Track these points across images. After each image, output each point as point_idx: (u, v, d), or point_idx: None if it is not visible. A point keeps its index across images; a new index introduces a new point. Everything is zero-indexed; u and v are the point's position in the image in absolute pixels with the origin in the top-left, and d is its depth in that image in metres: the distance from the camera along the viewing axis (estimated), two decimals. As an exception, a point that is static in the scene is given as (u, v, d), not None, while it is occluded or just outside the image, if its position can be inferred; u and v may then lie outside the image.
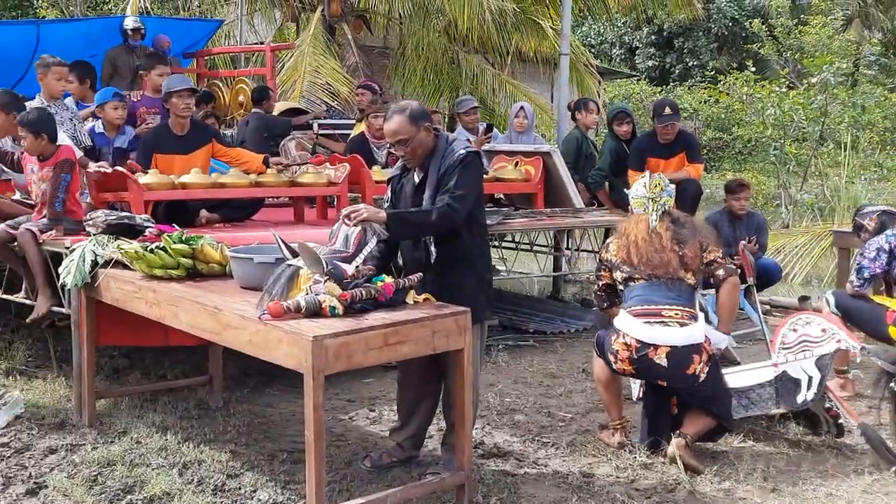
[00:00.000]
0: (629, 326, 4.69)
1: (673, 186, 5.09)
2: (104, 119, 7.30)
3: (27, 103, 6.61)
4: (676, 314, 4.65)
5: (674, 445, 4.66)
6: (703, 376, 4.62)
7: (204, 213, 6.66)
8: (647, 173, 5.13)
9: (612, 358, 4.76)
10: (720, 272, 4.81)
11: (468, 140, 7.76)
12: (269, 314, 3.79)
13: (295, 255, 4.18)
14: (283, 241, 4.27)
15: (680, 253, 4.75)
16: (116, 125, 7.37)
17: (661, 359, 4.59)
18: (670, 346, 4.58)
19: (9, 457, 4.88)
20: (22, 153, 5.97)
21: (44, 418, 5.42)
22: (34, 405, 5.62)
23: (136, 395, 5.86)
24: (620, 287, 4.91)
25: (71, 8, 16.48)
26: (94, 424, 5.29)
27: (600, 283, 5.09)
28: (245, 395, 6.03)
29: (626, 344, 4.67)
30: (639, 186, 5.01)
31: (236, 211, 6.94)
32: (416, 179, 4.42)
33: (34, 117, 5.73)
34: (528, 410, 5.72)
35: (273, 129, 9.10)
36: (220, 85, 11.68)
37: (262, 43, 15.03)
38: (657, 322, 4.63)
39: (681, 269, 4.74)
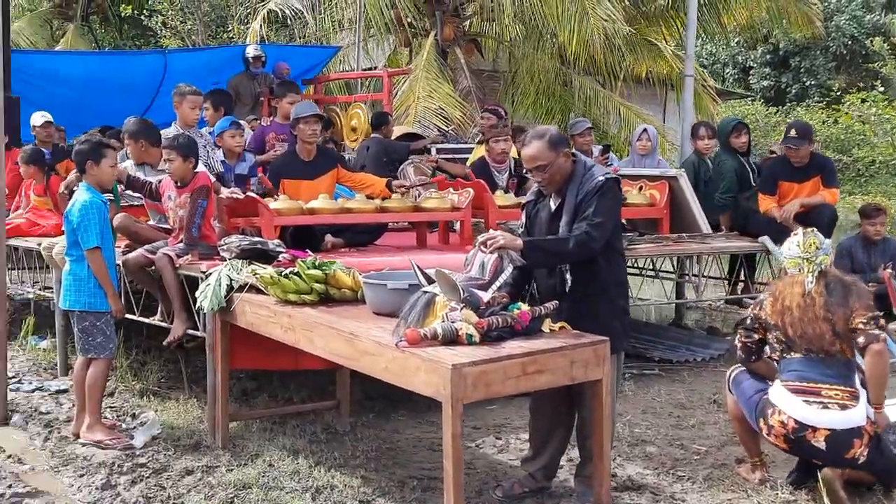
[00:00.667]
0: (787, 403, 4.44)
1: (828, 242, 4.83)
2: (223, 147, 7.48)
3: (162, 131, 6.83)
4: (837, 395, 4.37)
5: (829, 472, 4.40)
6: (862, 458, 4.37)
7: (329, 237, 6.74)
8: (799, 231, 4.83)
9: (764, 428, 4.55)
10: (861, 339, 4.41)
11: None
12: (405, 341, 3.79)
13: (430, 281, 4.18)
14: (419, 267, 4.27)
15: (832, 321, 4.45)
16: (236, 152, 7.55)
17: (819, 442, 4.35)
18: (830, 430, 4.33)
19: (147, 477, 5.00)
20: (160, 182, 6.15)
21: (179, 439, 5.54)
22: (169, 426, 5.76)
23: (266, 418, 5.94)
24: (776, 350, 4.67)
25: (193, 37, 17.03)
26: (228, 446, 5.38)
27: (753, 337, 4.78)
28: (371, 420, 6.05)
29: (782, 422, 4.43)
30: (792, 245, 4.72)
31: (360, 235, 7.00)
32: (553, 206, 4.38)
33: (184, 142, 5.93)
34: (660, 442, 5.58)
35: (392, 153, 9.18)
36: (337, 111, 11.88)
37: (374, 68, 15.25)
38: (816, 402, 4.37)
39: (835, 342, 4.44)
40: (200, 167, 6.12)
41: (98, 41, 22.26)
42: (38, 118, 9.26)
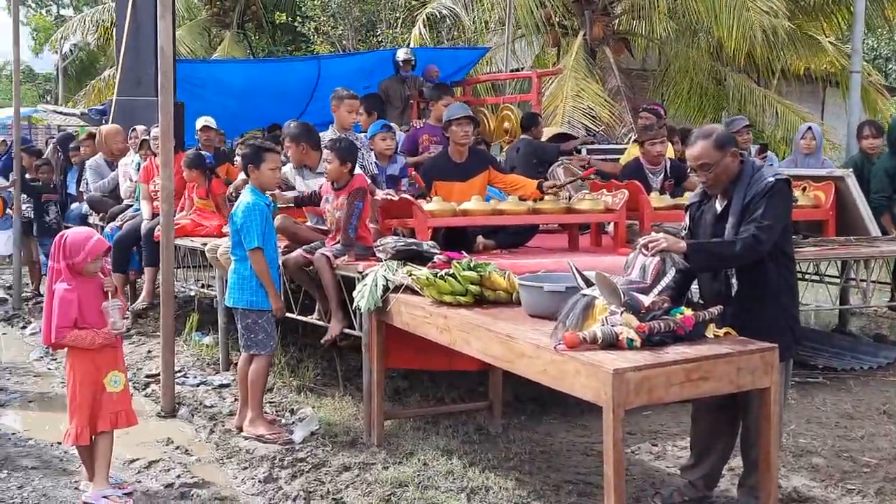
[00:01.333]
0: None
1: None
2: (375, 150, 7.60)
3: (321, 134, 6.99)
4: None
5: None
6: None
7: (481, 239, 6.75)
8: None
9: None
10: None
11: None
12: (564, 344, 3.74)
13: (589, 284, 4.11)
14: (577, 270, 4.21)
15: None
16: (387, 155, 7.66)
17: None
18: None
19: (307, 471, 5.12)
20: (320, 187, 6.29)
21: (336, 436, 5.65)
22: (326, 422, 5.88)
23: (419, 417, 6.00)
24: None
25: (344, 42, 17.40)
26: (383, 444, 5.45)
27: None
28: (523, 422, 6.02)
29: None
30: None
31: (511, 237, 6.97)
32: (719, 207, 4.25)
33: (345, 146, 6.05)
34: (826, 453, 5.34)
35: (542, 154, 9.13)
36: (486, 112, 11.91)
37: (521, 69, 15.21)
38: None
39: None
40: (357, 169, 6.23)
41: (252, 48, 23.05)
42: (202, 123, 9.63)
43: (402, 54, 11.80)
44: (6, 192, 10.98)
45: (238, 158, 7.72)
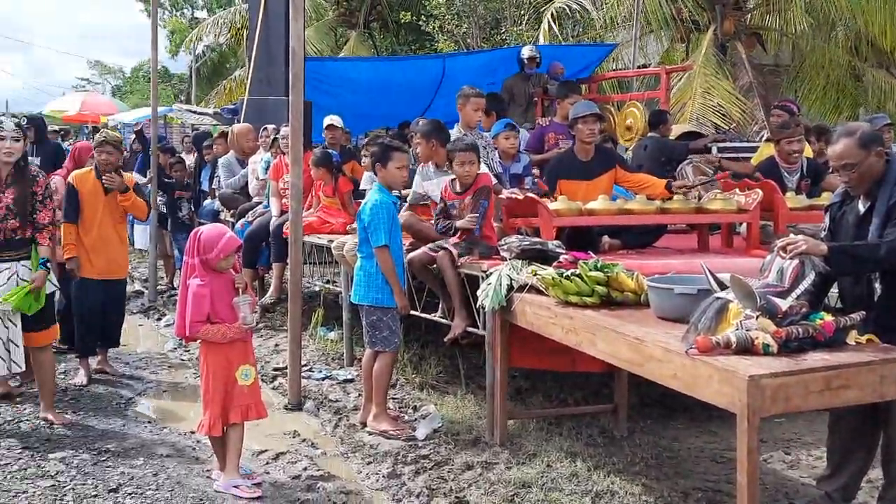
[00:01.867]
0: None
1: None
2: (499, 149, 7.56)
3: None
4: None
5: None
6: None
7: (606, 239, 6.63)
8: None
9: None
10: None
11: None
12: (696, 348, 3.63)
13: (723, 287, 3.98)
14: (710, 272, 4.09)
15: None
16: (511, 154, 7.62)
17: None
18: None
19: (430, 468, 5.14)
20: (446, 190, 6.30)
21: (458, 434, 5.65)
22: (449, 420, 5.89)
23: (542, 418, 5.94)
24: None
25: (468, 40, 17.43)
26: (506, 444, 5.42)
27: None
28: (649, 426, 5.90)
29: None
30: None
31: (638, 237, 6.83)
32: (861, 208, 4.06)
33: (466, 144, 6.04)
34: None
35: (671, 153, 8.93)
36: (612, 109, 11.74)
37: (647, 65, 14.94)
38: None
39: None
40: (483, 168, 6.22)
41: (377, 47, 23.35)
42: (328, 121, 9.80)
43: (526, 51, 11.74)
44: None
45: (365, 158, 7.79)
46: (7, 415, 6.18)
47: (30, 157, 6.76)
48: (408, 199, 6.97)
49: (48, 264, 6.04)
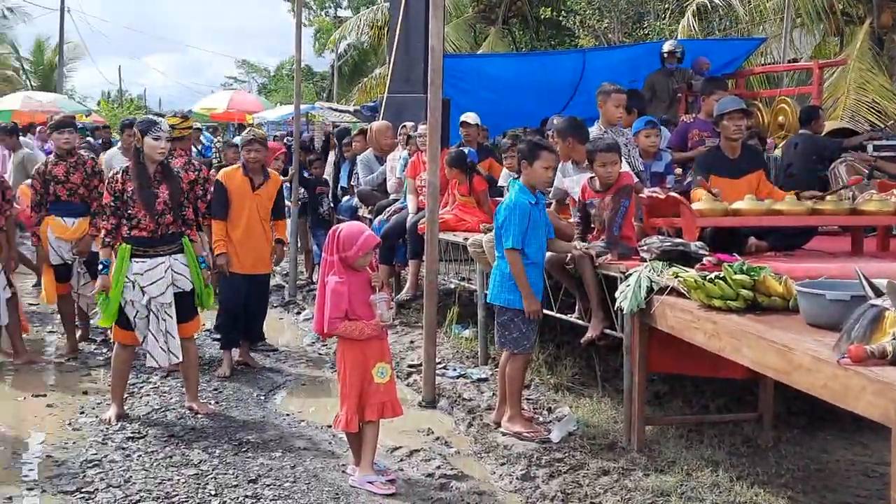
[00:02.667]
0: None
1: None
2: (639, 147, 7.36)
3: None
4: None
5: None
6: None
7: (753, 240, 6.37)
8: None
9: None
10: None
11: None
12: (849, 358, 3.43)
13: (879, 293, 3.75)
14: (865, 277, 3.86)
15: None
16: (652, 152, 7.43)
17: None
18: None
19: (564, 472, 5.05)
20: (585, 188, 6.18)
21: (594, 438, 5.54)
22: (584, 423, 5.78)
23: (682, 425, 5.76)
24: None
25: (609, 35, 17.17)
26: (643, 450, 5.28)
27: None
28: (795, 436, 5.64)
29: None
30: None
31: (787, 239, 6.54)
32: None
33: (608, 144, 5.91)
34: None
35: (823, 150, 8.54)
36: (760, 105, 11.33)
37: (797, 60, 14.36)
38: None
39: None
40: (624, 166, 6.07)
41: (516, 43, 23.29)
42: (464, 119, 9.79)
43: (667, 46, 11.46)
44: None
45: (509, 157, 7.71)
46: (154, 403, 6.42)
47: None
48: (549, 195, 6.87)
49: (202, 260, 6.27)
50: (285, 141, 14.69)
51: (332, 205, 11.39)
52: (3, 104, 22.77)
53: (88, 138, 16.29)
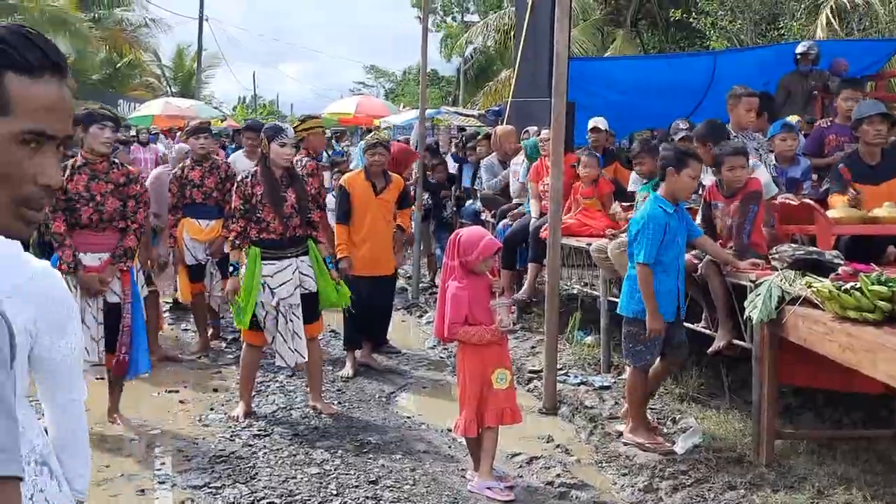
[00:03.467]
0: None
1: None
2: (775, 151, 7.13)
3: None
4: None
5: None
6: None
7: (892, 249, 6.08)
8: None
9: None
10: None
11: None
12: None
13: None
14: None
15: None
16: (788, 157, 7.17)
17: None
18: None
19: (689, 485, 4.93)
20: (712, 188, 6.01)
21: (720, 451, 5.38)
22: (710, 436, 5.62)
23: (812, 440, 5.54)
24: None
25: (741, 36, 16.70)
26: (772, 465, 5.10)
27: None
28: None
29: None
30: None
31: (930, 248, 6.21)
32: None
33: (736, 148, 5.74)
34: None
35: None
36: (902, 109, 10.81)
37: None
38: None
39: None
40: (761, 173, 5.88)
41: (644, 45, 22.94)
42: (592, 124, 9.68)
43: (801, 47, 11.03)
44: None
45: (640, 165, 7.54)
46: (280, 402, 6.58)
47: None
48: None
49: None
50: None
51: (455, 208, 11.43)
52: (145, 110, 23.80)
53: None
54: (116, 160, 6.10)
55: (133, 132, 17.73)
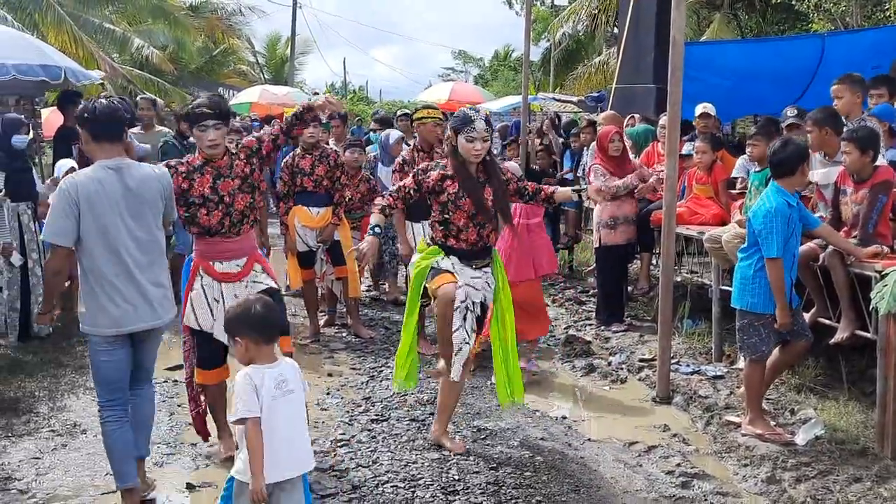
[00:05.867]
0: None
1: None
2: None
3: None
4: None
5: None
6: None
7: None
8: None
9: None
10: None
11: None
12: None
13: None
14: None
15: None
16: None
17: None
18: None
19: (813, 477, 4.89)
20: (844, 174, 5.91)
21: (843, 443, 5.31)
22: (831, 427, 5.55)
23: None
24: None
25: (847, 18, 16.22)
26: (900, 458, 5.03)
27: None
28: None
29: None
30: None
31: None
32: None
33: (864, 134, 5.62)
34: None
35: None
36: None
37: None
38: None
39: None
40: (880, 160, 5.77)
41: (742, 29, 22.44)
42: (700, 109, 9.57)
43: (910, 26, 10.73)
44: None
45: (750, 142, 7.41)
46: (395, 386, 6.68)
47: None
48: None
49: None
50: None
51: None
52: (242, 97, 24.21)
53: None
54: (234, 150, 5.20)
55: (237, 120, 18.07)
